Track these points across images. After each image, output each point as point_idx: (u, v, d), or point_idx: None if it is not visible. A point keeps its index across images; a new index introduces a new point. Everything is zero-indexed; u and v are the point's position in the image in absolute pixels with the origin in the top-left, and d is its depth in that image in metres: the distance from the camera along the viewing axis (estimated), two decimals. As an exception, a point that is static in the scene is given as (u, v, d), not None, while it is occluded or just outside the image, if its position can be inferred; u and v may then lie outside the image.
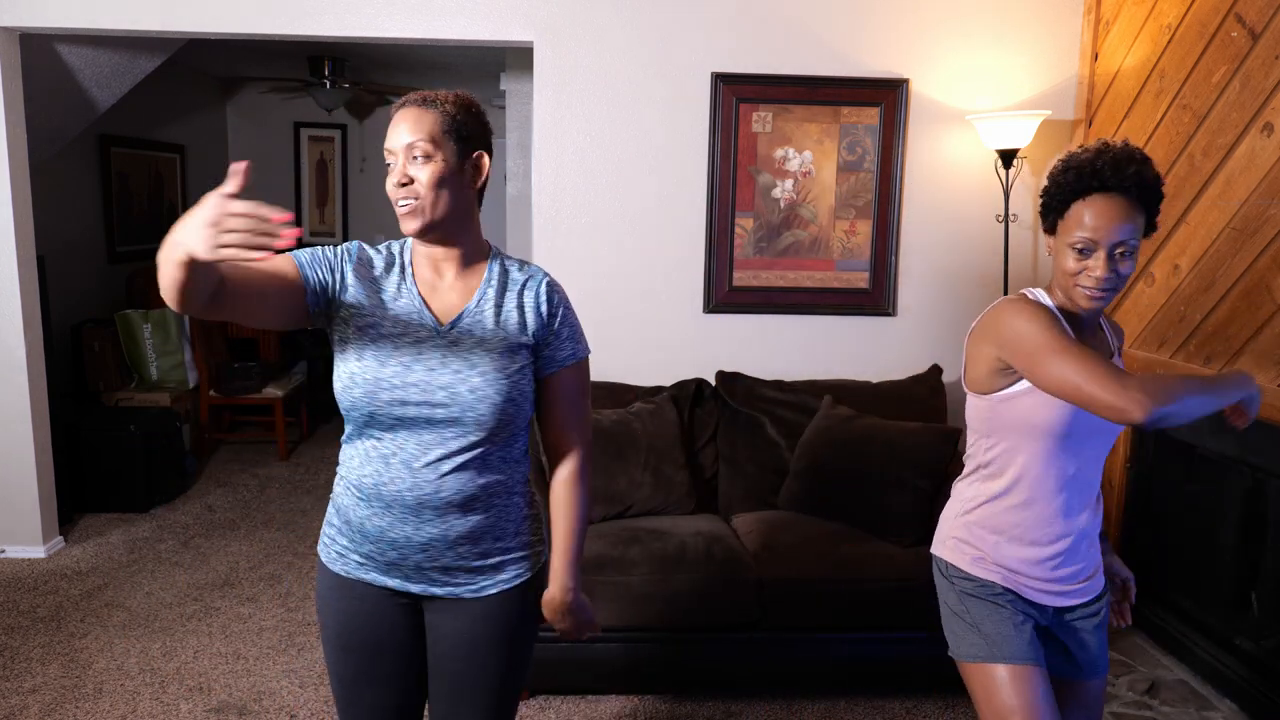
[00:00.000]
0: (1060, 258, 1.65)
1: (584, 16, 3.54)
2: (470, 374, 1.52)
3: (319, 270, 1.54)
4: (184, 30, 3.53)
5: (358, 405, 1.53)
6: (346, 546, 1.61)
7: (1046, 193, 1.68)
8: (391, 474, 1.54)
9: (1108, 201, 1.58)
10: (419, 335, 1.54)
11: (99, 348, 5.16)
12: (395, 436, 1.53)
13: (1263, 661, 2.79)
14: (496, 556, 1.60)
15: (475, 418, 1.52)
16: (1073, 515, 1.72)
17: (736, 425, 3.40)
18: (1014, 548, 1.73)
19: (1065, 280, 1.65)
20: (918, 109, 3.63)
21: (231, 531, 4.28)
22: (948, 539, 1.83)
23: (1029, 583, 1.74)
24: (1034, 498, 1.71)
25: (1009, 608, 1.74)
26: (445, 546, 1.56)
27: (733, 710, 2.87)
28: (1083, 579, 1.76)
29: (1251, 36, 2.79)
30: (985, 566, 1.76)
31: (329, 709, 2.83)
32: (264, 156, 7.34)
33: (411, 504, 1.54)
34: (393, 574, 1.59)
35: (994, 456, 1.75)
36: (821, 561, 2.87)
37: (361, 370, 1.52)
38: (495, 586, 1.60)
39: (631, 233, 3.65)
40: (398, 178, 1.51)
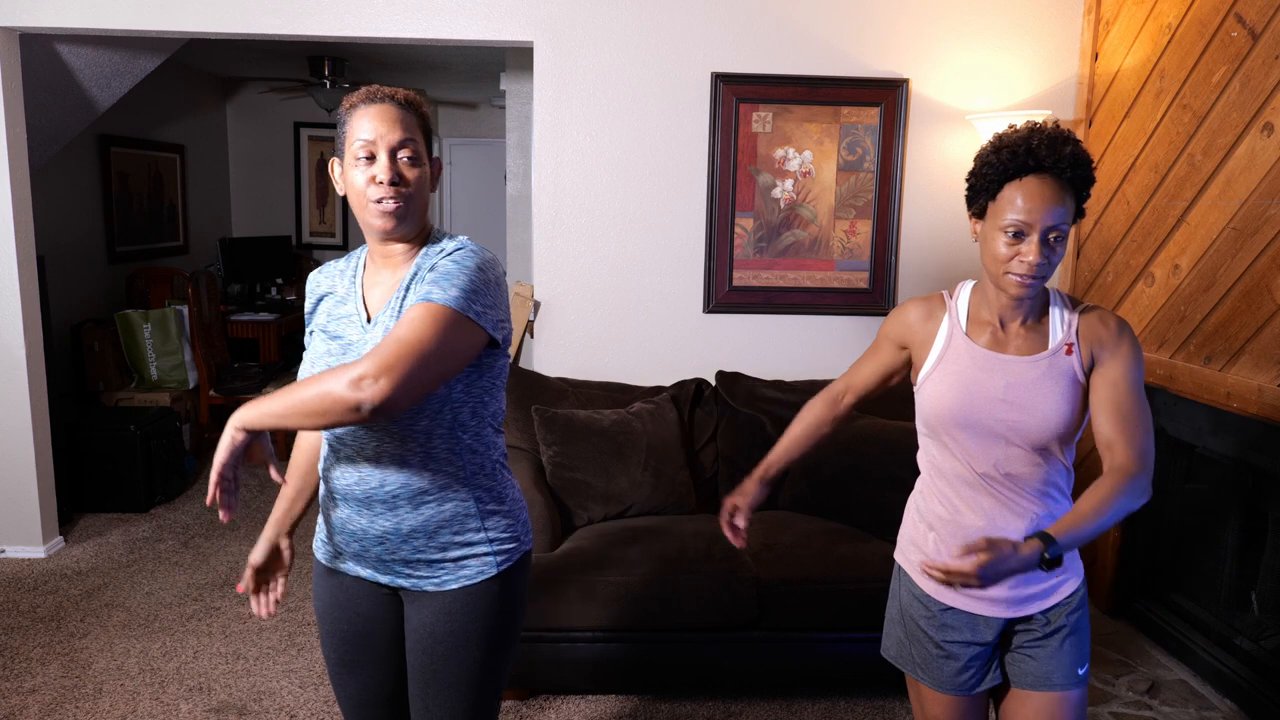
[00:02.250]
0: (990, 243, 1.57)
1: (584, 16, 3.54)
2: None
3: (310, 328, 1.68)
4: (184, 30, 3.53)
5: None
6: (324, 539, 1.67)
7: (976, 174, 1.59)
8: (340, 470, 1.58)
9: (1041, 183, 1.52)
10: (351, 335, 1.56)
11: (99, 348, 5.16)
12: (343, 435, 1.56)
13: (1263, 661, 2.79)
14: (456, 550, 1.57)
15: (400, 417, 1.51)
16: (999, 517, 1.64)
17: (736, 425, 3.40)
18: (949, 545, 1.67)
19: (995, 267, 1.57)
20: (918, 109, 3.63)
21: (231, 531, 4.28)
22: (901, 540, 1.84)
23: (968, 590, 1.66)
24: (956, 493, 1.68)
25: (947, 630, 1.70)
26: (400, 540, 1.56)
27: (733, 710, 2.87)
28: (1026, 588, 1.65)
29: (1251, 36, 2.79)
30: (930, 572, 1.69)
31: (329, 709, 2.83)
32: (264, 156, 7.35)
33: (361, 497, 1.56)
34: (363, 565, 1.63)
35: (922, 451, 1.78)
36: (821, 561, 2.87)
37: (310, 371, 1.59)
38: (457, 581, 1.58)
39: (631, 233, 3.65)
40: (388, 174, 1.48)
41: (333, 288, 1.64)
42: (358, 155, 1.50)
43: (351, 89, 6.40)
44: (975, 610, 1.68)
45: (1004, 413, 1.60)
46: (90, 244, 5.50)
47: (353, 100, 1.54)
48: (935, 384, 1.67)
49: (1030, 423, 1.59)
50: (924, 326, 1.71)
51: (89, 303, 5.41)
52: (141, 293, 5.77)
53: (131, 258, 5.89)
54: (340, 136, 1.55)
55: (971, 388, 1.62)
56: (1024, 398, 1.59)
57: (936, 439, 1.70)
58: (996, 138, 1.59)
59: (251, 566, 1.69)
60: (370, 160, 1.50)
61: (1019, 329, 1.64)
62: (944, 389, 1.65)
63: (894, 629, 1.82)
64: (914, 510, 1.81)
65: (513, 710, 2.81)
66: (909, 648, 1.77)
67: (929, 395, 1.68)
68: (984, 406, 1.61)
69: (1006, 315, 1.64)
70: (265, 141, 7.33)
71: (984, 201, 1.59)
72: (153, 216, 6.16)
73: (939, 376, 1.67)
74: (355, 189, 1.51)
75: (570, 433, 3.16)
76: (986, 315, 1.66)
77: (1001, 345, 1.64)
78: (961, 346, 1.66)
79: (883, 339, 1.80)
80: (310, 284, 1.68)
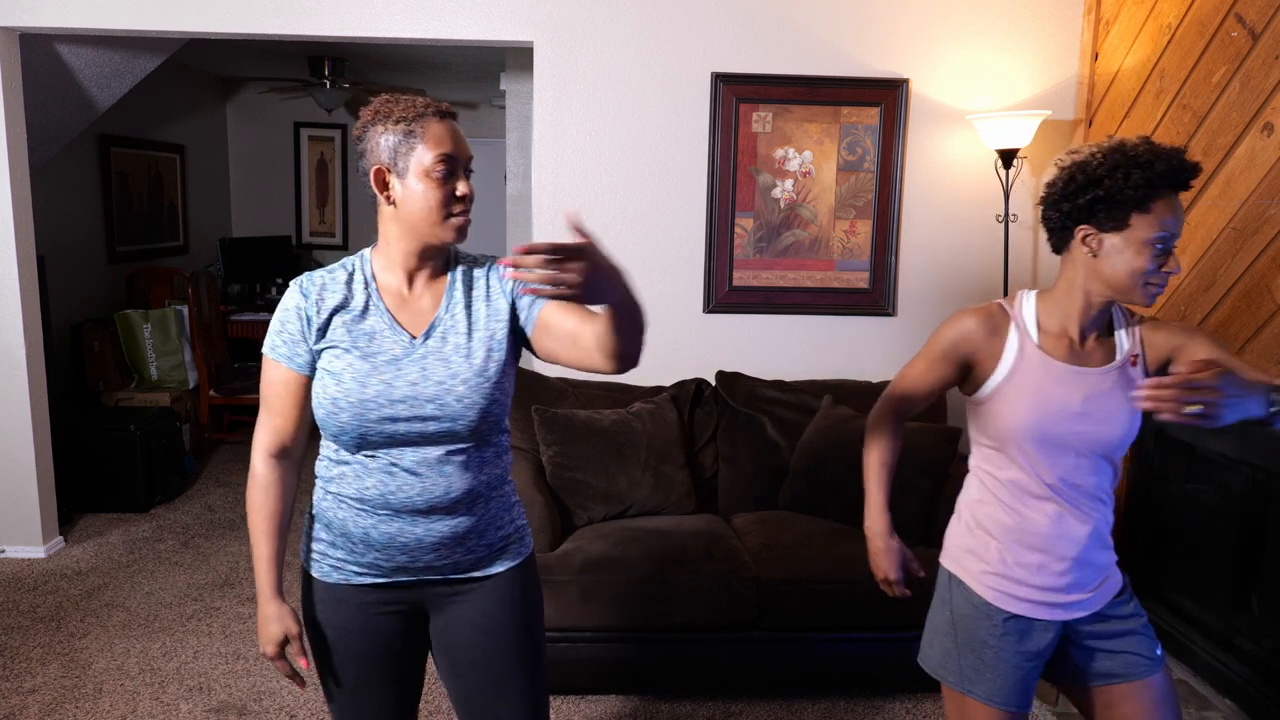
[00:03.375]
0: (1129, 256, 1.56)
1: (584, 16, 3.54)
2: (454, 383, 1.52)
3: (299, 356, 1.56)
4: (184, 30, 3.53)
5: (347, 429, 1.51)
6: (343, 559, 1.61)
7: (1119, 184, 1.55)
8: (398, 482, 1.54)
9: (1175, 198, 1.57)
10: (394, 352, 1.53)
11: (99, 348, 5.16)
12: (390, 450, 1.53)
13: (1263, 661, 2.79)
14: (500, 543, 1.65)
15: (466, 424, 1.53)
16: (1067, 521, 1.67)
17: (736, 425, 3.40)
18: (1013, 552, 1.69)
19: (1133, 280, 1.58)
20: (918, 109, 3.63)
21: (231, 531, 4.28)
22: (955, 550, 1.80)
23: (1031, 594, 1.69)
24: (1022, 502, 1.68)
25: (1001, 643, 1.70)
26: (455, 543, 1.58)
27: (733, 710, 2.87)
28: (1090, 588, 1.71)
29: (1251, 36, 2.79)
30: (991, 580, 1.71)
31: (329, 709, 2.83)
32: (264, 156, 7.35)
33: (423, 507, 1.54)
34: (398, 575, 1.60)
35: (981, 460, 1.75)
36: (821, 561, 2.87)
37: (344, 395, 1.50)
38: (499, 566, 1.65)
39: (631, 233, 3.66)
40: (464, 188, 1.51)
41: (343, 300, 1.55)
42: (435, 170, 1.49)
43: (351, 89, 6.41)
44: (1037, 615, 1.69)
45: (1080, 425, 1.62)
46: (90, 244, 5.50)
47: (414, 111, 1.50)
48: (1008, 398, 1.65)
49: (1105, 434, 1.63)
50: (990, 340, 1.67)
51: (89, 303, 5.41)
52: (141, 293, 5.76)
53: (131, 258, 5.88)
54: (399, 146, 1.49)
55: (1049, 402, 1.63)
56: (1100, 410, 1.63)
57: (1003, 451, 1.69)
58: (1128, 150, 1.56)
59: (294, 636, 1.61)
60: (449, 175, 1.50)
61: (1093, 341, 1.67)
62: (1019, 404, 1.63)
63: (939, 639, 1.78)
64: (969, 519, 1.78)
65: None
66: (956, 658, 1.74)
67: (1000, 410, 1.66)
68: (1062, 421, 1.62)
69: (1088, 328, 1.66)
70: (265, 141, 7.33)
71: (1126, 214, 1.56)
72: (153, 216, 6.16)
73: (1012, 391, 1.65)
74: (424, 201, 1.49)
75: (570, 433, 3.16)
76: (1056, 327, 1.66)
77: (1079, 358, 1.66)
78: (1036, 360, 1.65)
79: (941, 354, 1.73)
80: (311, 294, 1.55)
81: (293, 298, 1.56)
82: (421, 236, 1.53)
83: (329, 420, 1.52)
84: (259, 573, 1.61)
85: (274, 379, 1.57)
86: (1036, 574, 1.68)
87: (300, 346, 1.55)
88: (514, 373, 1.61)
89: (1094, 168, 1.58)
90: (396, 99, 1.53)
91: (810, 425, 3.31)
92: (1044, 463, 1.65)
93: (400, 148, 1.49)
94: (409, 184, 1.50)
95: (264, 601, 1.60)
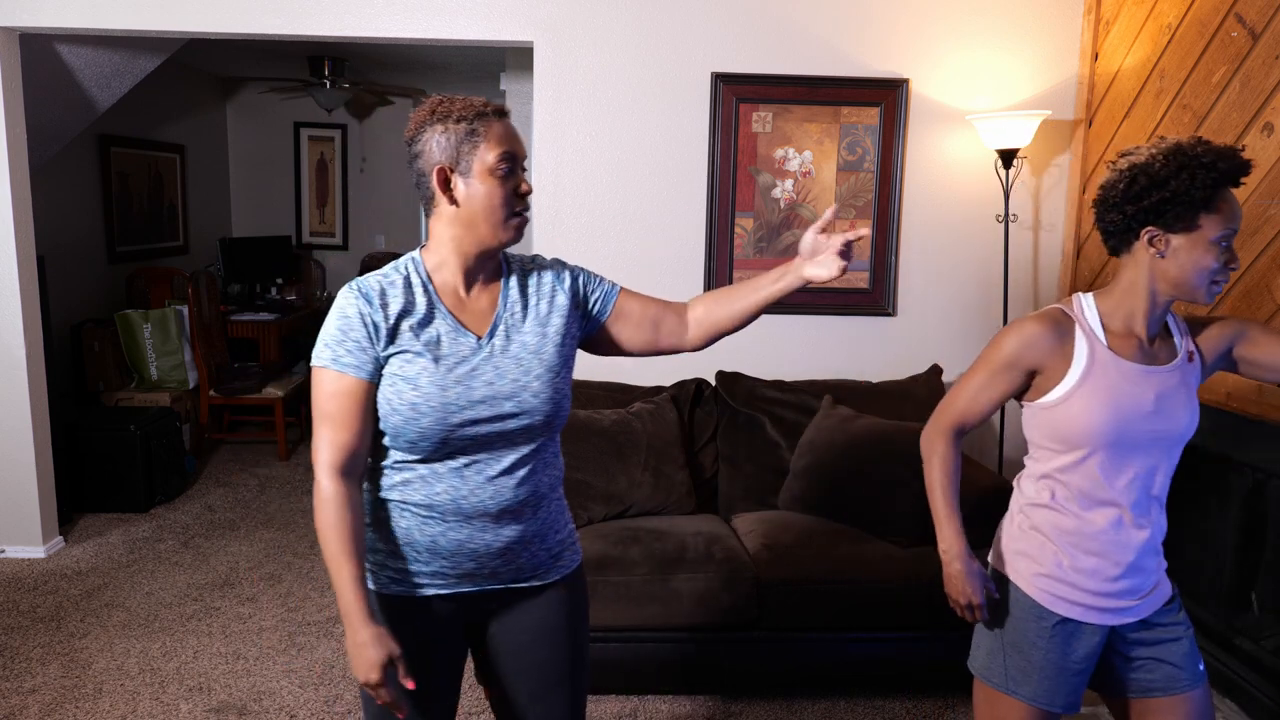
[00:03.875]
0: (1197, 255, 1.59)
1: (584, 16, 3.54)
2: (527, 379, 1.53)
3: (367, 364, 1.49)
4: (184, 30, 3.53)
5: (428, 434, 1.48)
6: (405, 569, 1.57)
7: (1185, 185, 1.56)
8: (469, 487, 1.52)
9: (1233, 194, 1.60)
10: (462, 353, 1.52)
11: (99, 348, 5.16)
12: (464, 454, 1.52)
13: (1263, 661, 2.79)
14: (557, 547, 1.66)
15: (543, 417, 1.55)
16: (1129, 527, 1.68)
17: (736, 425, 3.40)
18: (1069, 555, 1.69)
19: (1200, 279, 1.60)
20: (918, 109, 3.63)
21: (231, 531, 4.28)
22: (1006, 551, 1.79)
23: (1084, 598, 1.69)
24: (1085, 506, 1.68)
25: (1055, 640, 1.70)
26: (520, 547, 1.59)
27: (733, 710, 2.87)
28: (1142, 594, 1.71)
29: (1251, 36, 2.79)
30: (1045, 584, 1.71)
31: (329, 709, 2.83)
32: (264, 156, 7.35)
33: (494, 511, 1.54)
34: (464, 583, 1.59)
35: (1043, 464, 1.73)
36: (821, 561, 2.87)
37: (424, 399, 1.47)
38: (557, 573, 1.66)
39: (631, 233, 3.66)
40: (526, 186, 1.53)
41: (406, 305, 1.52)
42: (500, 168, 1.49)
43: (351, 89, 6.41)
44: (1087, 619, 1.70)
45: (1154, 424, 1.64)
46: (90, 244, 5.50)
47: (474, 110, 1.50)
48: (1082, 402, 1.64)
49: (1175, 430, 1.66)
50: (1058, 345, 1.66)
51: (89, 303, 5.41)
52: (141, 293, 5.76)
53: (131, 258, 5.88)
54: (460, 146, 1.49)
55: (1125, 403, 1.63)
56: (1170, 406, 1.65)
57: (1071, 454, 1.68)
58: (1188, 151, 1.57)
59: (398, 658, 1.45)
60: (510, 173, 1.51)
61: (1158, 340, 1.70)
62: (1095, 407, 1.63)
63: (986, 640, 1.78)
64: (1022, 523, 1.77)
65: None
66: (1003, 659, 1.74)
67: (1073, 414, 1.65)
68: (1137, 421, 1.64)
69: (1154, 327, 1.68)
70: (265, 141, 7.33)
71: (1194, 214, 1.58)
72: (153, 216, 6.16)
73: (1087, 395, 1.64)
74: (488, 200, 1.49)
75: (570, 432, 3.16)
76: (1121, 327, 1.68)
77: (1149, 357, 1.67)
78: (1109, 363, 1.65)
79: (1006, 364, 1.70)
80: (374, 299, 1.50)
81: (353, 305, 1.50)
82: (482, 236, 1.52)
83: (408, 427, 1.48)
84: (346, 598, 1.45)
85: (338, 391, 1.48)
86: (1091, 578, 1.68)
87: (367, 354, 1.49)
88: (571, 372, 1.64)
89: (1157, 170, 1.58)
90: (452, 99, 1.52)
91: (810, 425, 3.31)
92: (1115, 465, 1.66)
93: (463, 147, 1.49)
94: (472, 183, 1.49)
95: (358, 627, 1.44)
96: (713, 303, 1.75)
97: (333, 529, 1.46)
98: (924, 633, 2.88)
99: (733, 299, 1.75)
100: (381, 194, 7.46)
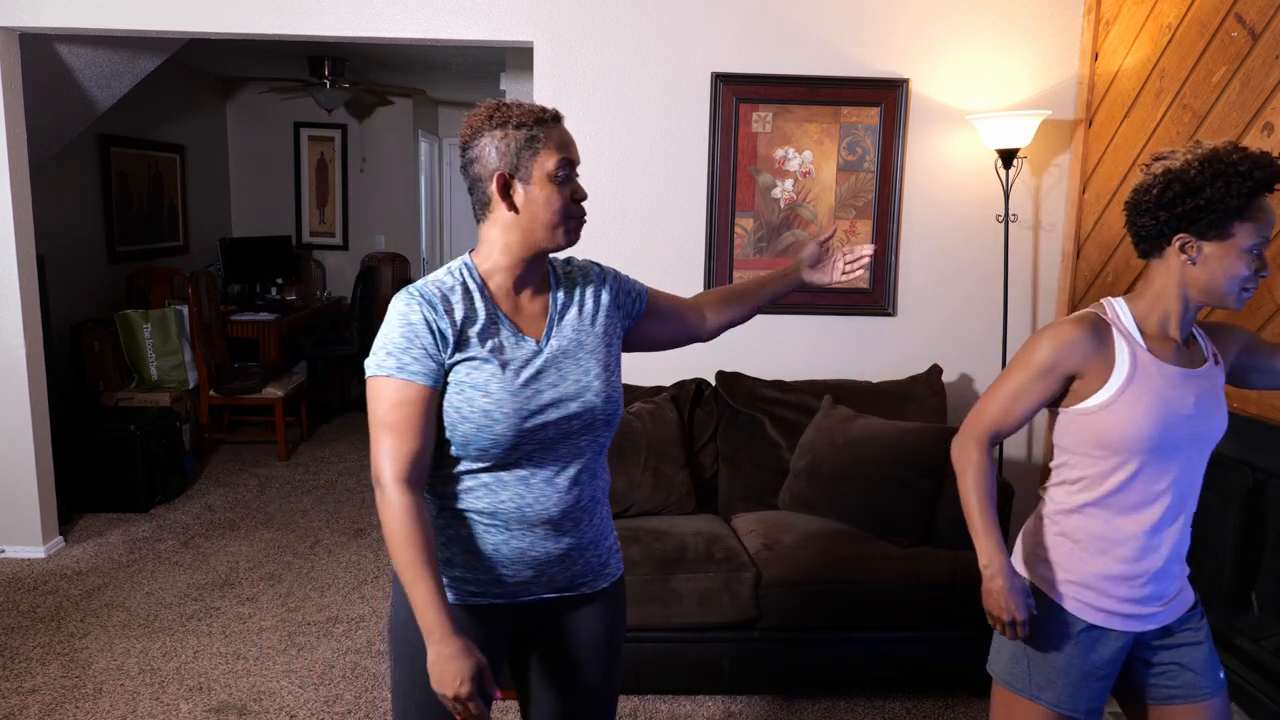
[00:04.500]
0: (1229, 262, 1.59)
1: (584, 16, 3.54)
2: (588, 378, 1.55)
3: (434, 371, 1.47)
4: (184, 30, 3.53)
5: (501, 440, 1.47)
6: (461, 577, 1.56)
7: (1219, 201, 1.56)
8: (535, 494, 1.52)
9: (1267, 202, 1.59)
10: (526, 357, 1.52)
11: (99, 348, 5.16)
12: (531, 460, 1.51)
13: (1263, 661, 2.79)
14: (607, 554, 1.67)
15: (605, 417, 1.56)
16: (1160, 532, 1.67)
17: (736, 425, 3.40)
18: (1098, 562, 1.68)
19: (1232, 285, 1.60)
20: (918, 109, 3.63)
21: (231, 531, 4.28)
22: (1032, 557, 1.78)
23: (1110, 604, 1.68)
24: (1117, 512, 1.68)
25: (1080, 646, 1.70)
26: (577, 554, 1.59)
27: (733, 710, 2.87)
28: (1165, 600, 1.71)
29: (1251, 36, 2.79)
30: (1072, 590, 1.70)
31: (329, 709, 2.83)
32: (264, 156, 7.35)
33: (557, 518, 1.54)
34: (520, 591, 1.58)
35: (1077, 470, 1.72)
36: (821, 561, 2.87)
37: (496, 405, 1.46)
38: (605, 580, 1.67)
39: (631, 233, 3.66)
40: (581, 192, 1.54)
41: (469, 312, 1.51)
42: (559, 173, 1.50)
43: (351, 89, 6.41)
44: (1111, 626, 1.70)
45: (1194, 426, 1.65)
46: (90, 244, 5.50)
47: (533, 115, 1.50)
48: (1127, 408, 1.63)
49: (1212, 431, 1.67)
50: (1099, 351, 1.65)
51: (89, 303, 5.41)
52: (141, 293, 5.77)
53: (131, 258, 5.88)
54: (522, 151, 1.49)
55: (1168, 407, 1.63)
56: (1207, 408, 1.66)
57: (1110, 460, 1.67)
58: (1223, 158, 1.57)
59: (484, 667, 1.42)
60: (567, 180, 1.52)
61: (1188, 343, 1.71)
62: (1141, 412, 1.62)
63: (1009, 645, 1.77)
64: (1050, 529, 1.76)
65: (512, 710, 2.81)
66: (1026, 665, 1.73)
67: (1116, 419, 1.64)
68: (1179, 423, 1.64)
69: (1187, 330, 1.69)
70: (265, 141, 7.33)
71: (1229, 223, 1.58)
72: (153, 216, 6.16)
73: (1131, 400, 1.63)
74: (548, 206, 1.50)
75: (570, 433, 3.16)
76: (1156, 331, 1.68)
77: (1186, 360, 1.68)
78: (1152, 367, 1.64)
79: (1044, 370, 1.67)
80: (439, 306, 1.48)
81: (416, 311, 1.47)
82: (538, 241, 1.52)
83: (480, 435, 1.46)
84: (428, 612, 1.39)
85: (404, 399, 1.44)
86: (1119, 585, 1.68)
87: (434, 361, 1.46)
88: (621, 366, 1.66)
89: (1192, 176, 1.57)
90: (507, 105, 1.52)
91: (810, 425, 3.31)
92: (1153, 470, 1.65)
93: (523, 153, 1.48)
94: (531, 190, 1.49)
95: (442, 639, 1.39)
96: (726, 296, 1.86)
97: (409, 543, 1.41)
98: (924, 633, 2.88)
99: (743, 293, 1.87)
100: (381, 194, 7.46)
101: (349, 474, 5.21)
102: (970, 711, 2.88)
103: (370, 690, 2.95)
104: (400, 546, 1.41)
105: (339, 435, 6.01)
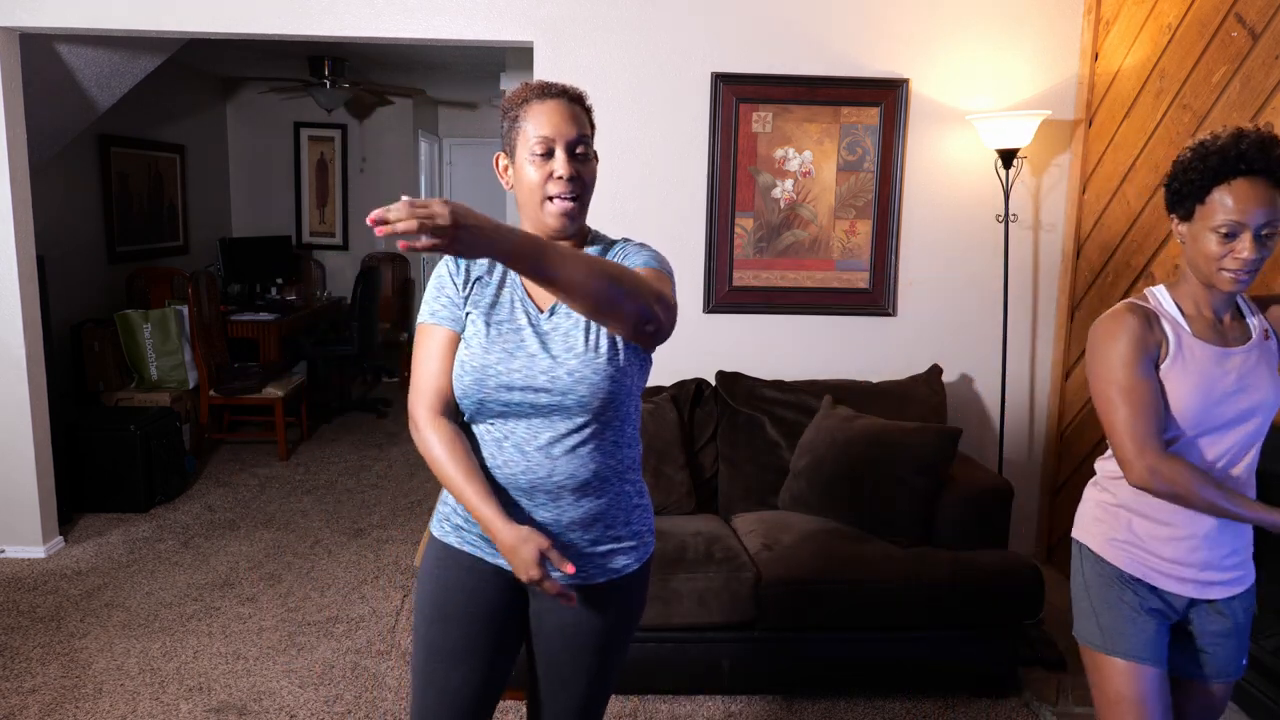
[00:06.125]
0: (1201, 243, 1.68)
1: (584, 16, 3.54)
2: (567, 357, 1.53)
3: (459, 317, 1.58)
4: (184, 30, 3.53)
5: (468, 393, 1.54)
6: (461, 524, 1.63)
7: (1181, 179, 1.69)
8: (505, 457, 1.55)
9: (1251, 184, 1.63)
10: (519, 322, 1.56)
11: (99, 348, 5.16)
12: (505, 422, 1.55)
13: (1263, 661, 2.79)
14: (606, 545, 1.62)
15: (576, 400, 1.52)
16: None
17: (736, 425, 3.40)
18: (1149, 525, 1.77)
19: (1208, 265, 1.67)
20: (918, 109, 3.63)
21: (231, 531, 4.28)
22: (1085, 518, 1.89)
23: (1161, 565, 1.76)
24: None
25: (1133, 599, 1.77)
26: (558, 531, 1.58)
27: (733, 710, 2.87)
28: (1222, 570, 1.77)
29: (1251, 36, 2.79)
30: (1118, 547, 1.79)
31: (329, 709, 2.83)
32: (264, 156, 7.35)
33: (525, 486, 1.55)
34: (500, 558, 1.60)
35: None
36: (821, 561, 2.87)
37: (470, 358, 1.54)
38: (602, 576, 1.63)
39: (631, 232, 3.58)
40: (567, 170, 1.50)
41: (485, 270, 1.60)
42: (535, 151, 1.50)
43: (351, 89, 6.41)
44: (1165, 587, 1.77)
45: (1240, 402, 1.71)
46: (90, 244, 5.50)
47: (523, 94, 1.54)
48: (1172, 386, 1.71)
49: (1258, 400, 1.72)
50: (1152, 331, 1.73)
51: (89, 303, 5.41)
52: (141, 293, 5.76)
53: (131, 258, 5.88)
54: (510, 131, 1.55)
55: (1212, 385, 1.70)
56: (1252, 384, 1.72)
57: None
58: (1200, 144, 1.67)
59: (548, 548, 1.47)
60: (547, 157, 1.51)
61: (1230, 321, 1.76)
62: (1185, 391, 1.70)
63: (1080, 603, 1.87)
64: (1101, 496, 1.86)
65: (512, 710, 2.81)
66: (1095, 620, 1.81)
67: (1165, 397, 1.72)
68: (1224, 400, 1.70)
69: (1220, 310, 1.75)
70: (265, 141, 7.33)
71: (1191, 205, 1.69)
72: (153, 216, 6.16)
73: (1177, 380, 1.71)
74: (530, 185, 1.52)
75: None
76: (1194, 311, 1.75)
77: (1225, 339, 1.75)
78: (1195, 348, 1.72)
79: (1138, 359, 1.70)
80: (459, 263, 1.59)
81: (444, 267, 1.60)
82: (531, 218, 1.56)
83: (456, 382, 1.55)
84: (483, 511, 1.48)
85: (438, 340, 1.57)
86: (1166, 545, 1.75)
87: (459, 309, 1.58)
88: (640, 363, 1.60)
89: (1184, 160, 1.70)
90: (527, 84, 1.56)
91: (810, 425, 3.31)
92: (1205, 440, 1.72)
93: (511, 132, 1.54)
94: (516, 166, 1.54)
95: (502, 531, 1.47)
96: None
97: (446, 454, 1.52)
98: (924, 633, 2.88)
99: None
100: (381, 194, 7.45)
101: (349, 474, 5.21)
102: (970, 711, 2.88)
103: (370, 690, 2.95)
104: (439, 463, 1.53)
105: (339, 435, 6.01)
